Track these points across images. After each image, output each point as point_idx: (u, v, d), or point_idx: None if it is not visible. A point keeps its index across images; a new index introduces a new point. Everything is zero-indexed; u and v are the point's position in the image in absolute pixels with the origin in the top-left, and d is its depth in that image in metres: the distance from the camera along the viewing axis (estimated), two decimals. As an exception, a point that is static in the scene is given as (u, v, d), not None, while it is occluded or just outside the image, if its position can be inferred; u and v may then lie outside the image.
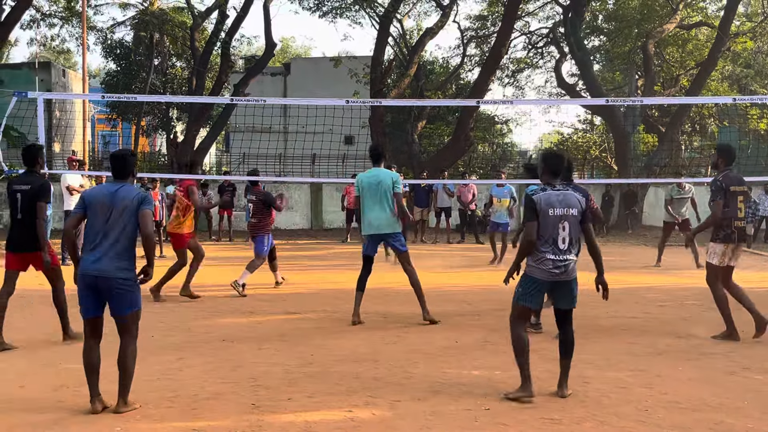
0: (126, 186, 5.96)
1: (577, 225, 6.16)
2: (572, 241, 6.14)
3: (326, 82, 31.99)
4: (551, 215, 6.08)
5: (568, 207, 6.11)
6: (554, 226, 6.09)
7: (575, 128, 38.04)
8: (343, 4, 31.69)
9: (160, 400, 6.09)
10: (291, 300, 11.25)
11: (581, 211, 6.17)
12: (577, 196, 6.20)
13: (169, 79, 36.00)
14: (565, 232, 6.09)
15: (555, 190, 6.18)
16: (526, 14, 32.34)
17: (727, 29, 25.57)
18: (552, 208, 6.08)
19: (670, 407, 6.02)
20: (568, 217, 6.10)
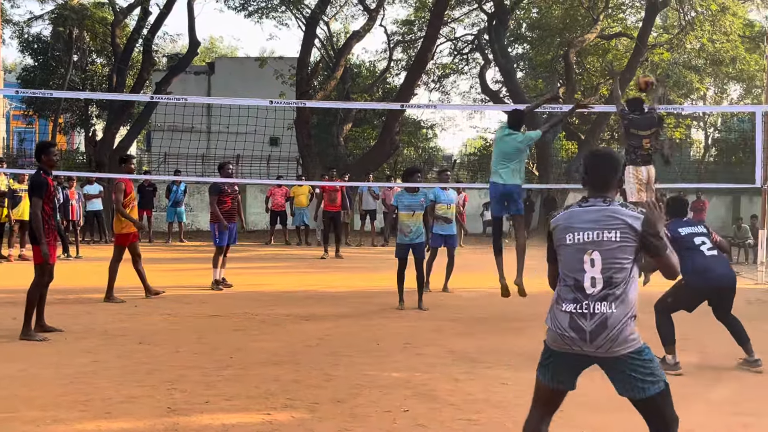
0: None
1: (618, 255, 3.90)
2: (610, 283, 3.88)
3: (251, 83, 31.65)
4: (569, 243, 4.01)
5: (600, 229, 3.94)
6: (576, 260, 3.97)
7: (499, 134, 38.53)
8: (269, 5, 31.44)
9: (73, 403, 5.91)
10: (211, 302, 11.08)
11: (629, 236, 3.91)
12: (624, 214, 3.95)
13: (89, 75, 35.07)
14: (595, 269, 3.90)
15: (587, 205, 4.07)
16: (452, 20, 32.65)
17: (645, 40, 26.32)
18: (571, 233, 4.01)
19: (586, 408, 6.12)
20: (599, 243, 3.92)
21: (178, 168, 24.08)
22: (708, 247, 7.51)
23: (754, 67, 29.59)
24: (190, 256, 18.00)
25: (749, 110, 21.31)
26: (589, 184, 4.15)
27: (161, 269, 14.94)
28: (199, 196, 25.69)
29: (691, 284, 7.42)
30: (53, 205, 8.83)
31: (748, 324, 8.96)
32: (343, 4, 33.29)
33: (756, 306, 11.37)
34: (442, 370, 7.19)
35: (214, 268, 12.21)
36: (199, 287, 12.33)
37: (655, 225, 3.90)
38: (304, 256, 18.45)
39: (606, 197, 4.05)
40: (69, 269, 14.48)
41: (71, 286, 12.12)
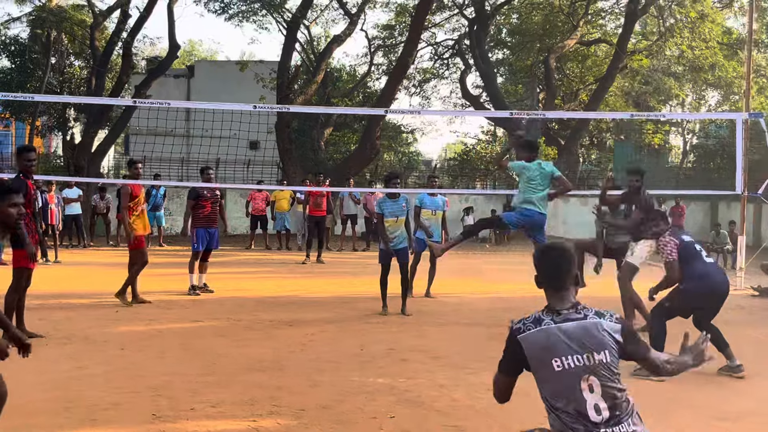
0: None
1: (613, 375, 3.56)
2: (614, 406, 3.53)
3: (231, 86, 31.57)
4: (558, 370, 3.54)
5: (590, 352, 3.55)
6: (572, 388, 3.53)
7: (479, 139, 38.69)
8: (250, 9, 31.37)
9: (57, 410, 5.85)
10: (192, 307, 11.01)
11: (616, 351, 3.61)
12: (607, 329, 3.61)
13: (67, 78, 34.83)
14: (595, 395, 3.51)
15: (560, 319, 3.62)
16: (432, 25, 32.75)
17: (624, 47, 26.54)
18: (558, 358, 3.55)
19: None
20: (593, 368, 3.53)
21: (158, 172, 23.90)
22: (705, 254, 7.67)
23: (732, 74, 29.92)
24: (170, 260, 17.87)
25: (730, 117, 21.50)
26: (548, 285, 3.73)
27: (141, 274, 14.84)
28: (179, 200, 25.55)
29: (692, 290, 7.49)
30: (33, 209, 8.77)
31: (731, 329, 9.06)
32: (323, 9, 33.31)
33: (737, 311, 11.46)
34: (426, 376, 7.19)
35: (190, 273, 12.12)
36: (181, 292, 12.25)
37: (633, 333, 3.69)
38: (285, 261, 18.39)
39: (576, 305, 3.67)
40: (48, 274, 14.34)
41: (51, 291, 12.02)
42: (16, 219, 4.67)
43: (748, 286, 13.83)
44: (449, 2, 30.98)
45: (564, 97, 32.92)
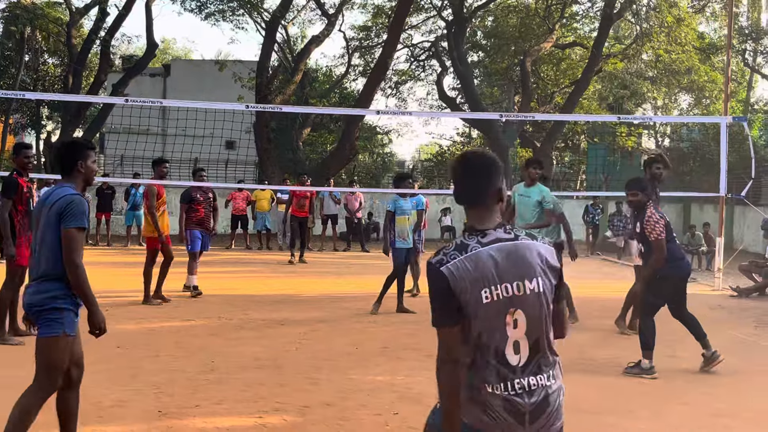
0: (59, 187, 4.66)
1: (543, 308, 2.98)
2: (537, 347, 2.98)
3: (208, 86, 31.48)
4: (486, 301, 2.90)
5: (521, 278, 2.94)
6: (496, 323, 2.92)
7: (453, 140, 38.93)
8: (227, 8, 31.29)
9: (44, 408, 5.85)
10: (182, 307, 11.02)
11: (551, 278, 3.01)
12: (540, 249, 3.01)
13: (41, 76, 34.50)
14: (518, 330, 2.94)
15: (487, 240, 2.95)
16: (409, 27, 32.89)
17: (599, 50, 26.86)
18: (487, 287, 2.90)
19: (566, 410, 6.27)
20: (523, 298, 2.93)
21: (136, 171, 23.79)
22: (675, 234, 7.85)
23: (704, 78, 30.41)
24: (151, 260, 17.82)
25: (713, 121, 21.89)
26: (468, 200, 3.04)
27: (123, 273, 14.80)
28: (157, 199, 25.40)
29: (674, 273, 7.59)
30: (27, 207, 8.76)
31: (713, 329, 9.28)
32: (301, 9, 33.32)
33: (718, 311, 11.72)
34: (424, 374, 7.27)
35: (190, 275, 12.12)
36: (166, 291, 12.23)
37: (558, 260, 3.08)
38: (267, 261, 18.39)
39: (503, 224, 3.01)
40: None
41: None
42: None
43: (728, 286, 14.12)
44: (427, 4, 31.14)
45: (539, 100, 33.22)
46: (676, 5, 26.17)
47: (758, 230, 20.41)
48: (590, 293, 14.14)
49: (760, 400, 6.75)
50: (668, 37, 26.37)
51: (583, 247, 23.91)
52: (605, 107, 33.97)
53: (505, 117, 21.88)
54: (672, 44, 26.73)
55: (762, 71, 34.48)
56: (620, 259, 20.85)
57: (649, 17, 26.98)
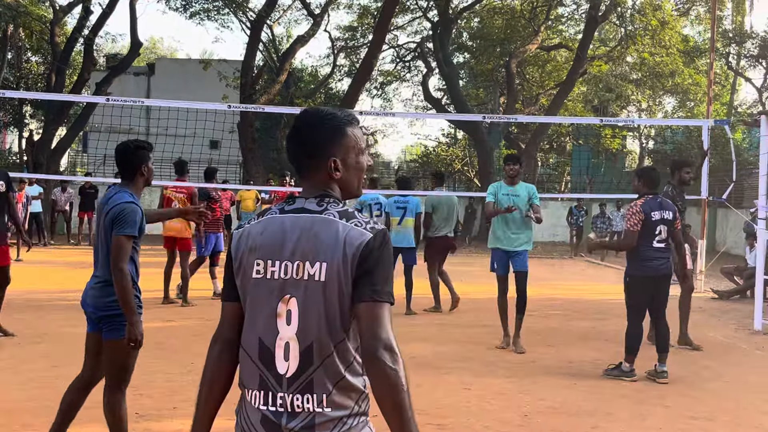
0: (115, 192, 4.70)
1: (324, 305, 2.29)
2: (309, 357, 2.29)
3: (192, 85, 31.41)
4: (256, 277, 2.36)
5: (302, 259, 2.30)
6: (265, 310, 2.35)
7: (439, 141, 38.99)
8: (212, 7, 31.20)
9: (39, 408, 5.82)
10: (165, 308, 10.97)
11: (343, 271, 2.27)
12: (343, 230, 2.30)
13: (24, 74, 34.27)
14: (291, 328, 2.31)
15: (291, 208, 2.38)
16: (395, 28, 32.89)
17: (584, 52, 26.97)
18: (261, 260, 2.35)
19: (548, 412, 6.29)
20: (298, 284, 2.30)
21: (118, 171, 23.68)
22: (660, 237, 7.53)
23: (688, 81, 30.57)
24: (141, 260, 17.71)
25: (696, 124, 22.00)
26: (293, 163, 2.48)
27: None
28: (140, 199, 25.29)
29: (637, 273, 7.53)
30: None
31: (693, 331, 9.34)
32: (287, 9, 33.23)
33: (698, 314, 11.74)
34: (429, 379, 7.23)
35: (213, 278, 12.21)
36: (150, 291, 12.14)
37: (383, 259, 2.29)
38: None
39: (324, 195, 2.38)
40: (15, 271, 14.13)
41: (17, 290, 11.84)
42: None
43: (709, 288, 14.19)
44: (412, 5, 31.15)
45: (524, 102, 33.33)
46: (661, 8, 26.31)
47: (740, 233, 20.53)
48: (573, 294, 14.20)
49: (738, 403, 6.77)
50: (652, 39, 26.51)
51: (567, 248, 24.02)
52: (590, 109, 34.12)
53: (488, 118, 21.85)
54: (656, 47, 26.88)
55: (745, 74, 34.73)
56: (603, 260, 20.94)
57: (634, 20, 27.11)
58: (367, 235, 2.26)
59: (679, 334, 9.09)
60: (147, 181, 4.76)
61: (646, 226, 7.48)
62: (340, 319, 2.27)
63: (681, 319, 9.19)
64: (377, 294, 2.23)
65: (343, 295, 2.26)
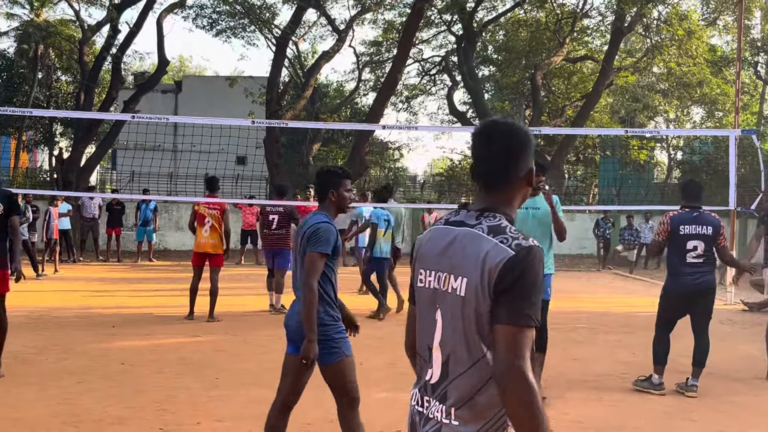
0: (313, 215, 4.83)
1: (465, 320, 2.33)
2: (447, 368, 2.38)
3: (219, 101, 31.69)
4: (419, 285, 2.52)
5: (449, 271, 2.40)
6: (427, 316, 2.48)
7: (465, 155, 38.90)
8: (238, 25, 31.49)
9: (63, 425, 5.85)
10: (189, 323, 10.99)
11: (482, 287, 2.28)
12: (486, 245, 2.31)
13: (54, 93, 34.80)
14: (437, 337, 2.42)
15: (454, 219, 2.47)
16: (420, 42, 32.96)
17: (610, 63, 26.81)
18: (424, 269, 2.50)
19: (573, 427, 6.21)
20: (444, 296, 2.40)
21: (146, 188, 23.90)
22: (696, 253, 7.34)
23: (717, 91, 30.27)
24: (161, 276, 17.84)
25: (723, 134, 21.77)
26: (474, 177, 2.49)
27: (133, 289, 14.84)
28: (168, 215, 25.51)
29: (669, 287, 7.49)
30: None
31: (724, 344, 9.19)
32: (312, 25, 33.45)
33: (728, 326, 11.60)
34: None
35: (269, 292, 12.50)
36: (175, 307, 12.20)
37: (532, 275, 2.24)
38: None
39: (487, 209, 2.41)
40: (41, 288, 14.31)
41: (45, 306, 12.00)
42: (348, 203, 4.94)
43: (739, 300, 13.98)
44: (437, 19, 31.19)
45: (550, 114, 33.18)
46: (687, 18, 26.09)
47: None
48: (600, 307, 14.05)
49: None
50: (679, 50, 26.28)
51: (595, 261, 23.82)
52: (617, 120, 33.88)
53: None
54: (683, 57, 26.64)
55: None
56: (632, 272, 20.73)
57: (660, 30, 26.90)
58: (509, 253, 2.24)
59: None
60: (337, 206, 4.84)
61: (675, 239, 7.39)
62: (477, 336, 2.28)
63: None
64: (514, 316, 2.20)
65: (480, 313, 2.26)
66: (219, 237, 11.21)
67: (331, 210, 4.81)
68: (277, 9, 30.31)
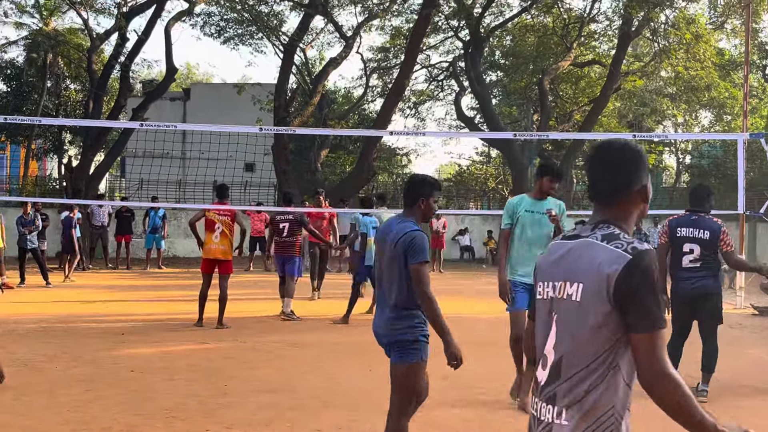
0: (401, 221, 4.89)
1: (579, 325, 2.46)
2: (558, 371, 2.49)
3: (227, 109, 31.72)
4: (537, 296, 2.70)
5: (563, 279, 2.54)
6: (543, 323, 2.64)
7: (473, 160, 38.94)
8: (246, 32, 31.61)
9: (73, 433, 5.88)
10: (198, 330, 11.01)
11: (599, 294, 2.41)
12: (599, 253, 2.46)
13: (63, 101, 34.96)
14: (549, 342, 2.56)
15: (570, 234, 2.64)
16: (427, 47, 32.98)
17: (618, 68, 26.78)
18: (541, 281, 2.67)
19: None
20: (559, 302, 2.54)
21: (155, 194, 23.98)
22: (693, 257, 7.30)
23: (725, 95, 30.19)
24: (170, 283, 17.90)
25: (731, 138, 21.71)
26: (590, 194, 2.64)
27: (142, 297, 14.89)
28: (176, 222, 25.58)
29: (672, 292, 7.47)
30: None
31: (733, 349, 9.15)
32: (319, 32, 33.55)
33: (738, 330, 11.56)
34: (437, 397, 7.18)
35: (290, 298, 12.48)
36: (184, 314, 12.23)
37: (649, 281, 2.35)
38: (284, 283, 18.35)
39: (601, 222, 2.53)
40: (50, 296, 14.38)
41: (54, 314, 12.07)
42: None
43: (749, 304, 13.93)
44: (444, 25, 31.22)
45: (558, 118, 33.15)
46: (695, 22, 26.04)
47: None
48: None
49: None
50: (687, 53, 26.22)
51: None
52: (625, 125, 33.82)
53: (519, 136, 21.75)
54: (691, 61, 26.58)
55: (783, 87, 34.24)
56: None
57: (668, 34, 26.85)
58: (626, 257, 2.37)
59: None
60: (424, 214, 4.93)
61: (673, 242, 7.42)
62: (591, 340, 2.40)
63: None
64: (648, 325, 2.34)
65: (595, 318, 2.39)
66: (229, 243, 11.24)
67: (417, 216, 4.89)
68: (284, 16, 30.53)
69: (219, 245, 11.14)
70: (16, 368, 8.10)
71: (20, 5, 32.02)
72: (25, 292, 15.49)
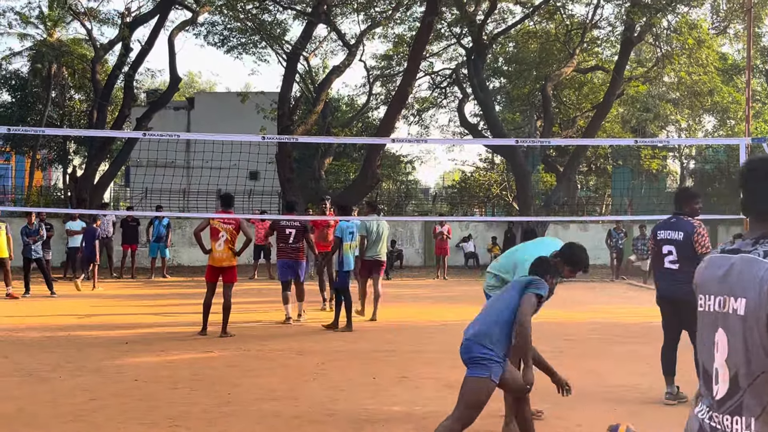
0: None
1: (748, 339, 2.51)
2: (736, 384, 2.54)
3: (231, 117, 31.78)
4: (700, 310, 2.79)
5: (728, 294, 2.61)
6: (706, 338, 2.72)
7: (476, 166, 38.91)
8: (249, 41, 31.69)
9: (76, 442, 5.89)
10: (202, 338, 11.02)
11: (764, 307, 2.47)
12: (763, 267, 2.52)
13: (67, 112, 35.05)
14: (720, 355, 2.62)
15: (729, 249, 2.73)
16: (430, 55, 33.02)
17: (621, 73, 26.78)
18: (702, 295, 2.77)
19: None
20: (725, 316, 2.61)
21: (160, 204, 24.03)
22: (671, 258, 7.31)
23: (728, 99, 30.18)
24: (174, 291, 17.93)
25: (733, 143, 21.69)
26: (744, 210, 2.73)
27: (147, 305, 14.91)
28: (181, 231, 25.61)
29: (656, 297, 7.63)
30: None
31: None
32: (322, 40, 33.61)
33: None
34: (440, 404, 7.18)
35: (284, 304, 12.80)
36: (189, 323, 12.24)
37: None
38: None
39: (761, 237, 2.61)
40: (53, 306, 14.40)
41: (58, 324, 12.09)
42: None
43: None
44: (446, 32, 31.27)
45: (561, 125, 33.15)
46: (697, 27, 26.04)
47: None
48: (614, 318, 14.01)
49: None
50: (689, 59, 26.22)
51: (608, 271, 23.75)
52: (628, 130, 33.82)
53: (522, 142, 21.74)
54: (693, 66, 26.58)
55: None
56: (645, 282, 20.64)
57: (670, 40, 26.86)
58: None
59: None
60: None
61: (655, 245, 7.56)
62: (761, 351, 2.47)
63: None
64: None
65: (761, 331, 2.46)
66: (232, 252, 11.26)
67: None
68: (287, 25, 30.57)
69: (223, 253, 11.15)
70: (21, 378, 8.12)
71: (24, 16, 32.18)
72: (29, 301, 15.53)
